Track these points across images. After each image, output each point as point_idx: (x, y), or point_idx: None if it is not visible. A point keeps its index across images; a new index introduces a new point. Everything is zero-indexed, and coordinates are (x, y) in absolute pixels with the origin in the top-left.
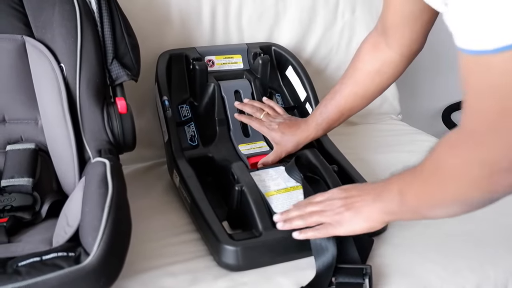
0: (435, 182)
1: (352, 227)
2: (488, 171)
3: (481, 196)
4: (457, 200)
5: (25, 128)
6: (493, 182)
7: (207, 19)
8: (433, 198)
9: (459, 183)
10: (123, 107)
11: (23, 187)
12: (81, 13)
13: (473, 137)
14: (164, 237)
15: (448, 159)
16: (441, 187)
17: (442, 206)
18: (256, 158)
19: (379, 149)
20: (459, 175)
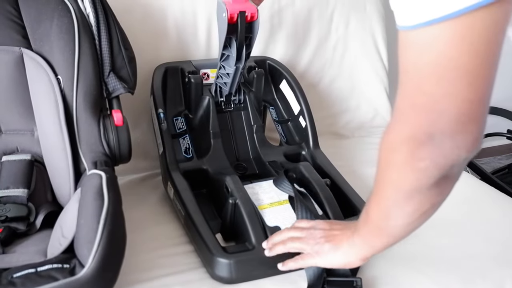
0: (380, 185)
1: (330, 261)
2: (410, 148)
3: (416, 179)
4: (399, 191)
5: (21, 139)
6: (416, 159)
7: (202, 33)
8: (384, 202)
9: (392, 170)
10: (119, 119)
11: (18, 197)
12: (79, 26)
13: (396, 116)
14: (157, 248)
15: (382, 146)
16: (384, 186)
17: (392, 207)
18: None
19: (372, 163)
20: (390, 162)
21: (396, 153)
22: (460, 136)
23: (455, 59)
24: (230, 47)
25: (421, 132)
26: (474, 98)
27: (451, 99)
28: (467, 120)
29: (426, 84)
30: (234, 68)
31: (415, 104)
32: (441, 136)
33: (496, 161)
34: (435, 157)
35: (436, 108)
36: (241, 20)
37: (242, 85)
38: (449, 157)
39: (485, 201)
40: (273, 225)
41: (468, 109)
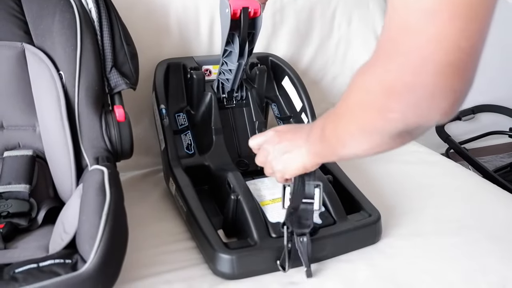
0: (344, 112)
1: (290, 170)
2: (384, 96)
3: (382, 125)
4: (361, 129)
5: (23, 135)
6: (388, 108)
7: (205, 29)
8: (343, 130)
9: (361, 109)
10: (121, 115)
11: (20, 193)
12: (81, 22)
13: (376, 59)
14: (159, 244)
15: (354, 85)
16: (348, 116)
17: (351, 139)
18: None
19: (374, 159)
20: (361, 100)
21: (369, 95)
22: (441, 94)
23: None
24: (233, 43)
25: (401, 82)
26: (465, 46)
27: (440, 44)
28: (453, 73)
29: (414, 24)
30: (237, 65)
31: (399, 47)
32: (421, 90)
33: (498, 159)
34: (407, 113)
35: (422, 53)
36: (244, 16)
37: (245, 82)
38: (421, 117)
39: (488, 199)
40: (275, 221)
41: (457, 58)
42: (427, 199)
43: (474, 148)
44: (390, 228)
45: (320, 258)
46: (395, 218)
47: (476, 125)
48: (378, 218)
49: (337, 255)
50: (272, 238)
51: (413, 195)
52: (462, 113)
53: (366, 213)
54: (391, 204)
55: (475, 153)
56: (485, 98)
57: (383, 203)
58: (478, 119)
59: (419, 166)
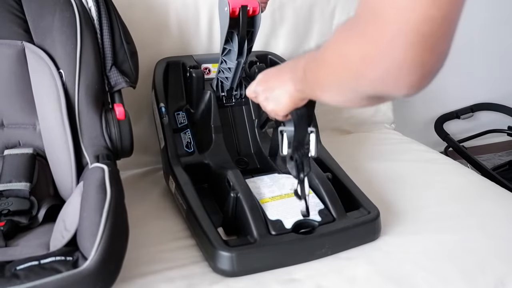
0: (323, 64)
1: (281, 107)
2: (359, 60)
3: (355, 86)
4: (337, 84)
5: (23, 133)
6: (362, 72)
7: (204, 28)
8: (322, 79)
9: (338, 68)
10: (121, 113)
11: (20, 191)
12: (81, 20)
13: (356, 23)
14: (159, 242)
15: (335, 43)
16: (326, 69)
17: (329, 89)
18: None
19: (373, 158)
20: (338, 60)
21: (346, 58)
22: (410, 67)
23: None
24: (232, 41)
25: (375, 52)
26: (437, 16)
27: (413, 14)
28: (423, 46)
29: None
30: (236, 63)
31: (377, 16)
32: (391, 62)
33: (496, 157)
34: (377, 82)
35: (396, 24)
36: (243, 14)
37: (244, 80)
38: (389, 87)
39: (486, 197)
40: (275, 219)
41: (429, 29)
42: (426, 197)
43: (473, 147)
44: (389, 226)
45: (319, 255)
46: (394, 215)
47: (474, 124)
48: (377, 216)
49: (336, 252)
50: (271, 235)
51: (412, 193)
52: (461, 112)
53: (365, 211)
54: (390, 202)
55: (473, 152)
56: (483, 96)
57: (382, 200)
58: (477, 118)
59: (418, 164)
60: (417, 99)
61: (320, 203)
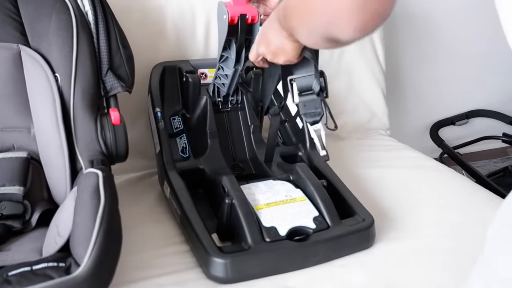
0: (290, 9)
1: (291, 54)
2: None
3: (313, 27)
4: (302, 27)
5: (17, 137)
6: (314, 15)
7: (201, 33)
8: (292, 23)
9: (300, 11)
10: (116, 118)
11: (14, 195)
12: (78, 24)
13: None
14: (153, 248)
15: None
16: (293, 14)
17: (299, 32)
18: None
19: (368, 164)
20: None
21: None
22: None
23: None
24: (230, 49)
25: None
26: None
27: None
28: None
29: None
30: (233, 70)
31: None
32: (334, 7)
33: (491, 164)
34: (326, 25)
35: None
36: (242, 23)
37: (240, 86)
38: (338, 30)
39: (480, 204)
40: (269, 226)
41: None
42: (420, 204)
43: (468, 153)
44: (384, 232)
45: (314, 262)
46: (389, 222)
47: (469, 130)
48: (372, 223)
49: (331, 259)
50: (266, 242)
51: (407, 200)
52: (456, 118)
53: (359, 218)
54: (384, 208)
55: (468, 158)
56: (479, 103)
57: (376, 207)
58: (472, 124)
59: (413, 171)
60: (412, 105)
61: (314, 210)
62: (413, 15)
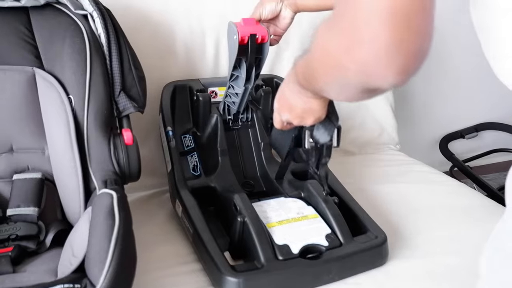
0: (313, 65)
1: (319, 113)
2: (341, 53)
3: (345, 79)
4: (330, 81)
5: (32, 158)
6: (346, 66)
7: (210, 52)
8: (317, 80)
9: (325, 64)
10: (129, 138)
11: (28, 216)
12: (91, 47)
13: (333, 19)
14: (166, 267)
15: (318, 41)
16: (317, 70)
17: (326, 88)
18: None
19: (378, 179)
20: (323, 56)
21: (329, 55)
22: (391, 47)
23: None
24: (240, 68)
25: (354, 39)
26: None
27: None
28: (399, 23)
29: None
30: (243, 89)
31: (349, 3)
32: (372, 45)
33: (502, 177)
34: (361, 73)
35: (368, 4)
36: (252, 43)
37: (250, 103)
38: (375, 75)
39: (493, 218)
40: (282, 243)
41: (401, 6)
42: (432, 220)
43: (478, 166)
44: (397, 250)
45: (327, 281)
46: (401, 239)
47: (479, 143)
48: (385, 240)
49: (344, 277)
50: (278, 260)
51: (418, 216)
52: (466, 131)
53: (372, 235)
54: (397, 225)
55: (479, 171)
56: (487, 116)
57: (388, 224)
58: (481, 137)
59: (424, 186)
60: (421, 120)
61: (327, 228)
62: None
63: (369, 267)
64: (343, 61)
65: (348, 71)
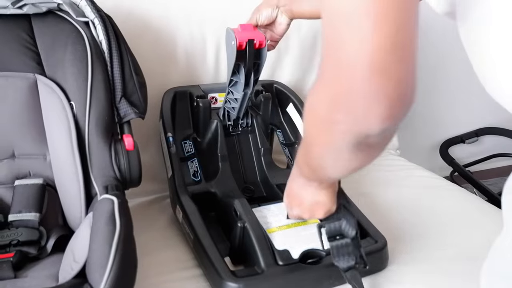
0: (306, 139)
1: (329, 206)
2: (327, 108)
3: (336, 140)
4: (323, 150)
5: (33, 163)
6: (334, 119)
7: (211, 58)
8: (312, 160)
9: (315, 129)
10: (130, 144)
11: (30, 221)
12: (92, 54)
13: (317, 80)
14: (166, 272)
15: (306, 109)
16: (310, 141)
17: (320, 164)
18: None
19: (378, 185)
20: (312, 121)
21: (317, 114)
22: (373, 97)
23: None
24: (239, 73)
25: (337, 92)
26: (385, 44)
27: (361, 45)
28: (379, 74)
29: (337, 32)
30: (242, 94)
31: (330, 59)
32: (355, 96)
33: (503, 182)
34: (349, 122)
35: (348, 58)
36: (250, 48)
37: (250, 109)
38: (362, 124)
39: (493, 224)
40: (282, 249)
41: (381, 58)
42: (433, 224)
43: (479, 171)
44: (397, 254)
45: (327, 285)
46: (401, 244)
47: (480, 148)
48: (385, 245)
49: (344, 282)
50: (279, 265)
51: (419, 221)
52: (466, 136)
53: (372, 240)
54: (397, 230)
55: (479, 176)
56: (488, 121)
57: (388, 228)
58: (482, 142)
59: (424, 191)
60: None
61: None
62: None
63: (369, 272)
64: (329, 113)
65: (334, 123)
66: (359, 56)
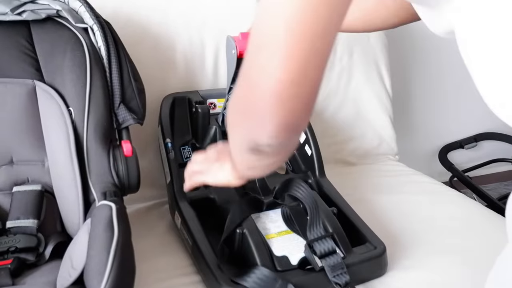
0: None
1: (216, 178)
2: (233, 113)
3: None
4: (234, 147)
5: (32, 170)
6: (237, 125)
7: (210, 64)
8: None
9: (228, 120)
10: (128, 150)
11: (27, 228)
12: (91, 60)
13: (238, 81)
14: (165, 279)
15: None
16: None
17: (236, 156)
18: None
19: (377, 190)
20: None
21: (231, 114)
22: (266, 118)
23: (271, 32)
24: None
25: (243, 101)
26: (283, 79)
27: (267, 74)
28: (277, 102)
29: (257, 47)
30: None
31: (246, 69)
32: (254, 110)
33: (502, 187)
34: (245, 128)
35: (257, 80)
36: None
37: None
38: (253, 134)
39: (493, 229)
40: (281, 255)
41: (277, 88)
42: (432, 230)
43: (478, 176)
44: (396, 260)
45: None
46: (401, 249)
47: (479, 153)
48: (384, 251)
49: None
50: (277, 271)
51: (418, 226)
52: (465, 141)
53: (371, 246)
54: (396, 236)
55: (478, 181)
56: (487, 126)
57: (387, 234)
58: (481, 147)
59: (423, 196)
60: (420, 129)
61: None
62: (418, 40)
63: (368, 278)
64: (234, 114)
65: (235, 125)
66: (264, 82)
